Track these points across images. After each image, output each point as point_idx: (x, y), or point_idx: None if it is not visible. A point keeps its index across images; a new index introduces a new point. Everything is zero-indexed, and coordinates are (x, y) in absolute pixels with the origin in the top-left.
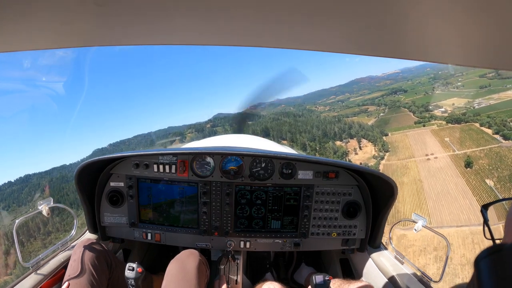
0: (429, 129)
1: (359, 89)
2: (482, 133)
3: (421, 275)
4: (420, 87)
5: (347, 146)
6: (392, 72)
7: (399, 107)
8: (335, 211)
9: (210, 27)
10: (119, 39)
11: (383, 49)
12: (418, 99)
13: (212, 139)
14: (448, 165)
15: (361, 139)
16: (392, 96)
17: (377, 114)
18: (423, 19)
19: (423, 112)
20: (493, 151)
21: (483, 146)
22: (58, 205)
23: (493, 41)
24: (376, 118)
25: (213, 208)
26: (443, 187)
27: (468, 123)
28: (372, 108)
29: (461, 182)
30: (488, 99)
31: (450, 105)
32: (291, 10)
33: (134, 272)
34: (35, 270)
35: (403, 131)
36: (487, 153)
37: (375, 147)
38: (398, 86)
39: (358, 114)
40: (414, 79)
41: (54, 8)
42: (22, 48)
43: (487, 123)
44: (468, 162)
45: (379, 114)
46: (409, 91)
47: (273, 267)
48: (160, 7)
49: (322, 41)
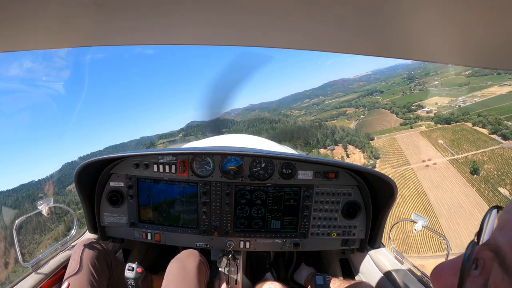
0: (418, 131)
1: (333, 92)
2: (477, 133)
3: (421, 275)
4: (396, 88)
5: (333, 154)
6: (364, 74)
7: (379, 108)
8: (335, 211)
9: (211, 27)
10: (119, 39)
11: (383, 49)
12: (397, 99)
13: (212, 139)
14: (452, 172)
15: (347, 145)
16: (369, 97)
17: (357, 116)
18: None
19: (406, 113)
20: (496, 153)
21: (483, 148)
22: (58, 205)
23: (493, 41)
24: (357, 120)
25: (213, 208)
26: (453, 200)
27: (459, 123)
28: (351, 110)
29: (471, 192)
30: (472, 97)
31: (433, 105)
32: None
33: (134, 272)
34: (35, 270)
35: (389, 134)
36: (490, 156)
37: (363, 153)
38: (372, 87)
39: (337, 117)
40: (387, 79)
41: (54, 8)
42: (22, 48)
43: (480, 122)
44: (475, 168)
45: (359, 116)
46: (385, 91)
47: (273, 267)
48: (160, 7)
49: (322, 41)
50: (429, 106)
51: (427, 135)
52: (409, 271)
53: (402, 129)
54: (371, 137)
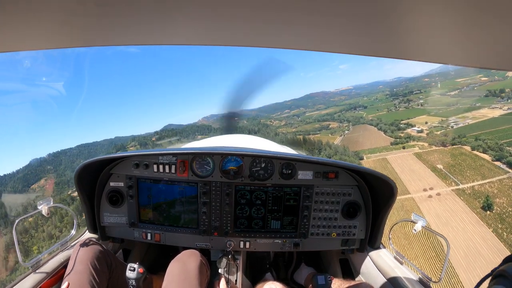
0: (411, 152)
1: (314, 104)
2: (479, 159)
3: (421, 275)
4: (379, 104)
5: None
6: (345, 88)
7: (364, 123)
8: (335, 211)
9: (211, 27)
10: (119, 39)
11: (383, 49)
12: (382, 116)
13: (212, 139)
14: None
15: None
16: (352, 112)
17: (341, 131)
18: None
19: (395, 131)
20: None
21: (489, 177)
22: (57, 205)
23: (493, 41)
24: (342, 136)
25: (213, 208)
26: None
27: (456, 146)
28: (334, 124)
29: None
30: (463, 118)
31: (423, 124)
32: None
33: (135, 272)
34: (35, 270)
35: (380, 153)
36: (500, 188)
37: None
38: (355, 102)
39: (320, 130)
40: (369, 95)
41: (54, 8)
42: (22, 48)
43: (480, 146)
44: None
45: (343, 131)
46: (369, 107)
47: (273, 267)
48: (160, 7)
49: (322, 41)
50: (418, 125)
51: (422, 157)
52: (408, 271)
53: (393, 149)
54: (360, 155)
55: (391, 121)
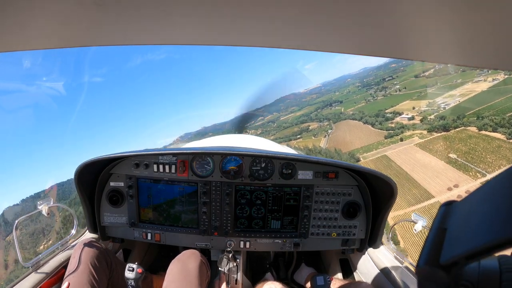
0: (412, 143)
1: (287, 107)
2: (492, 139)
3: None
4: (354, 96)
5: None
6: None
7: (345, 119)
8: (335, 211)
9: (211, 27)
10: (119, 39)
11: (383, 49)
12: (362, 108)
13: (212, 139)
14: None
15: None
16: (329, 109)
17: (324, 131)
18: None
19: (383, 122)
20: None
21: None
22: (57, 205)
23: (493, 41)
24: (326, 136)
25: (213, 208)
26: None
27: (459, 129)
28: (314, 125)
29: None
30: (451, 97)
31: (410, 109)
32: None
33: (134, 272)
34: (35, 269)
35: (376, 150)
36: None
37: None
38: (328, 98)
39: (300, 134)
40: (340, 89)
41: (54, 8)
42: (22, 48)
43: (487, 125)
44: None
45: (326, 131)
46: (344, 101)
47: (273, 267)
48: (160, 7)
49: (322, 41)
50: (406, 111)
51: (427, 148)
52: (409, 271)
53: (390, 143)
54: (355, 157)
55: (374, 112)
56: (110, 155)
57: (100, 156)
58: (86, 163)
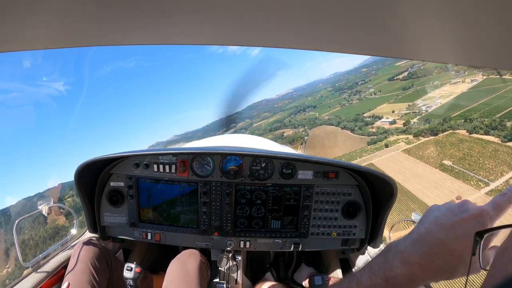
0: (399, 150)
1: (259, 113)
2: (487, 143)
3: None
4: (327, 101)
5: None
6: (285, 92)
7: (321, 124)
8: (335, 211)
9: (212, 27)
10: (119, 39)
11: (384, 48)
12: (338, 112)
13: (212, 139)
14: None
15: None
16: (302, 114)
17: (300, 138)
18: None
19: (363, 127)
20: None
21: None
22: (58, 205)
23: (493, 41)
24: (303, 143)
25: (213, 208)
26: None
27: (446, 132)
28: (289, 131)
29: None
30: (431, 99)
31: (390, 113)
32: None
33: (132, 272)
34: (35, 270)
35: (360, 158)
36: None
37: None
38: (300, 104)
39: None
40: (312, 94)
41: (54, 8)
42: (22, 48)
43: (478, 128)
44: None
45: (303, 137)
46: (318, 106)
47: (273, 267)
48: (160, 7)
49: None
50: (386, 115)
51: (417, 154)
52: None
53: (374, 149)
54: None
55: (352, 116)
56: (110, 155)
57: (100, 156)
58: (86, 163)
